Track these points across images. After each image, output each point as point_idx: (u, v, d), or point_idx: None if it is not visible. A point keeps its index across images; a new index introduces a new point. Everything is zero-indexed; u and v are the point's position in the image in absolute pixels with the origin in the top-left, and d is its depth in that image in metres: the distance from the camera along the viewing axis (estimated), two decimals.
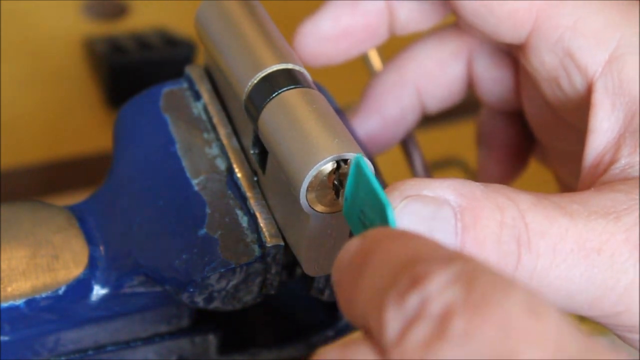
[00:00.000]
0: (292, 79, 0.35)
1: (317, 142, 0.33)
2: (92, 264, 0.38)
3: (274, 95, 0.35)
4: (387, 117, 0.44)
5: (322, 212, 0.34)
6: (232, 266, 0.35)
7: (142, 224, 0.37)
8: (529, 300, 0.25)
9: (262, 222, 0.36)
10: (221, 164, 0.38)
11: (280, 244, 0.36)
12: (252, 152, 0.37)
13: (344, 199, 0.32)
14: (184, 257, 0.36)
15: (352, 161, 0.30)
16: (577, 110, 0.38)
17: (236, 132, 0.39)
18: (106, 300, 0.38)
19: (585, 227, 0.32)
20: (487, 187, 0.32)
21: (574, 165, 0.41)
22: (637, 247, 0.32)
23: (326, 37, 0.42)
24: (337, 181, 0.33)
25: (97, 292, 0.38)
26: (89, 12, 0.68)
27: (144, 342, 0.39)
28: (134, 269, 0.37)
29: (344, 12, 0.42)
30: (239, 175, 0.37)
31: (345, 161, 0.33)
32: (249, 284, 0.36)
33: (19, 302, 0.36)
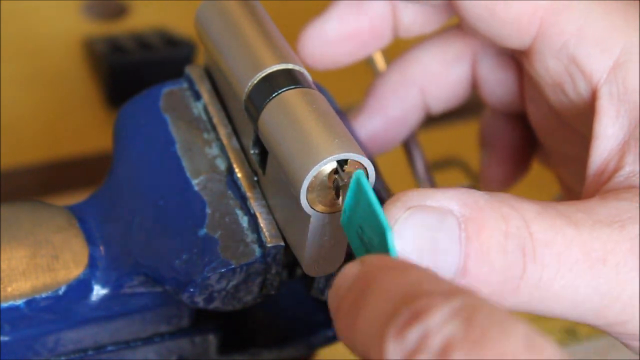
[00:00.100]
0: (292, 79, 0.35)
1: (318, 142, 0.33)
2: (92, 264, 0.38)
3: (274, 95, 0.35)
4: (391, 117, 0.44)
5: (322, 212, 0.34)
6: (232, 266, 0.35)
7: (142, 224, 0.37)
8: (528, 335, 0.25)
9: (263, 222, 0.36)
10: (221, 164, 0.38)
11: (280, 244, 0.36)
12: (252, 152, 0.37)
13: (342, 210, 0.32)
14: (184, 257, 0.36)
15: (353, 176, 0.30)
16: (581, 115, 0.38)
17: (236, 132, 0.39)
18: (106, 300, 0.38)
19: (590, 236, 0.32)
20: (492, 196, 0.31)
21: (577, 168, 0.41)
22: None
23: (331, 39, 0.42)
24: (337, 181, 0.33)
25: (97, 292, 0.38)
26: (89, 12, 0.68)
27: (144, 342, 0.39)
28: (134, 269, 0.37)
29: (349, 15, 0.41)
30: (239, 175, 0.37)
31: (345, 161, 0.33)
32: (249, 284, 0.36)
33: (19, 302, 0.36)
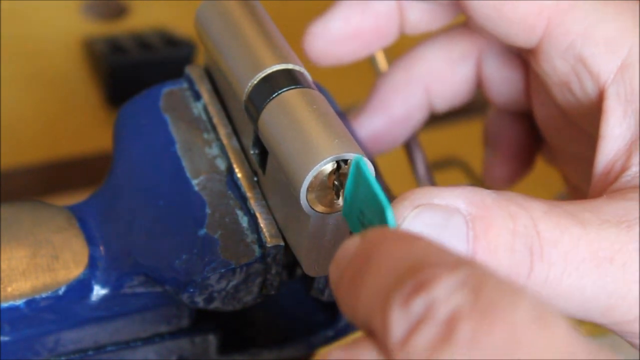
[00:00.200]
0: (292, 79, 0.35)
1: (317, 142, 0.33)
2: (92, 264, 0.38)
3: (274, 95, 0.35)
4: (394, 115, 0.44)
5: (322, 212, 0.33)
6: (232, 266, 0.35)
7: (142, 224, 0.37)
8: (536, 307, 0.25)
9: (262, 222, 0.36)
10: (221, 164, 0.38)
11: (280, 244, 0.36)
12: (252, 152, 0.37)
13: (343, 199, 0.32)
14: (184, 257, 0.36)
15: (352, 162, 0.30)
16: (588, 115, 0.38)
17: (236, 132, 0.39)
18: (106, 300, 0.38)
19: (597, 235, 0.32)
20: (499, 194, 0.31)
21: (583, 167, 0.40)
22: None
23: (336, 37, 0.42)
24: (337, 181, 0.33)
25: (97, 292, 0.38)
26: (89, 12, 0.68)
27: (144, 342, 0.39)
28: (134, 269, 0.37)
29: (355, 13, 0.41)
30: (239, 175, 0.37)
31: (345, 161, 0.33)
32: (249, 284, 0.36)
33: (19, 302, 0.36)
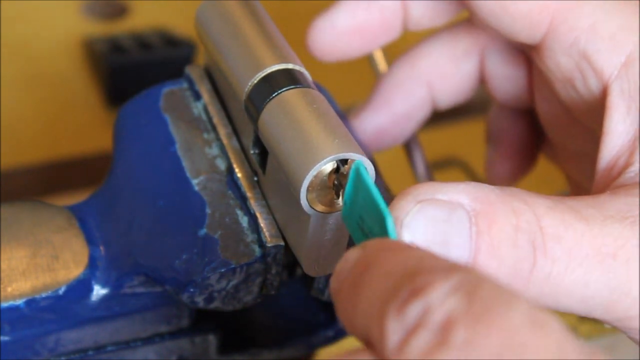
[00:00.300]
0: (292, 79, 0.35)
1: (317, 142, 0.33)
2: (92, 264, 0.38)
3: (274, 95, 0.35)
4: (397, 112, 0.44)
5: (322, 212, 0.33)
6: (232, 266, 0.35)
7: (142, 224, 0.37)
8: (531, 311, 0.25)
9: (263, 222, 0.36)
10: (221, 164, 0.38)
11: (280, 244, 0.36)
12: (252, 152, 0.37)
13: (343, 203, 0.32)
14: (184, 257, 0.36)
15: (352, 167, 0.30)
16: (592, 111, 0.38)
17: (236, 132, 0.39)
18: (106, 300, 0.38)
19: (601, 231, 0.32)
20: (503, 190, 0.31)
21: (586, 164, 0.40)
22: None
23: (341, 32, 0.41)
24: (337, 181, 0.33)
25: (97, 292, 0.38)
26: (89, 12, 0.68)
27: (144, 342, 0.39)
28: (134, 269, 0.37)
29: (360, 8, 0.41)
30: (239, 175, 0.37)
31: (345, 161, 0.33)
32: (249, 284, 0.36)
33: (19, 302, 0.36)
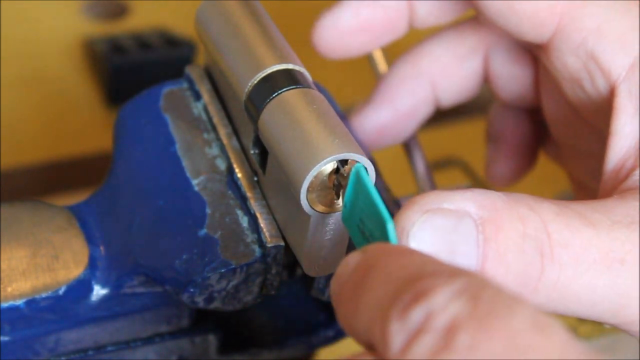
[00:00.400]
0: (292, 79, 0.35)
1: (318, 142, 0.33)
2: (92, 264, 0.38)
3: (274, 95, 0.35)
4: (400, 109, 0.44)
5: (322, 212, 0.33)
6: (233, 266, 0.35)
7: (142, 224, 0.37)
8: (534, 314, 0.25)
9: (263, 222, 0.36)
10: (221, 164, 0.38)
11: (280, 244, 0.36)
12: (252, 152, 0.37)
13: (343, 205, 0.32)
14: (184, 257, 0.36)
15: (352, 170, 0.30)
16: (599, 112, 0.38)
17: (236, 132, 0.39)
18: (106, 300, 0.38)
19: (608, 237, 0.32)
20: (509, 197, 0.31)
21: (591, 164, 0.40)
22: None
23: (346, 30, 0.41)
24: (337, 182, 0.33)
25: (97, 292, 0.38)
26: (89, 12, 0.68)
27: (144, 342, 0.39)
28: (134, 269, 0.37)
29: (365, 6, 0.41)
30: (239, 175, 0.37)
31: (345, 162, 0.33)
32: (249, 284, 0.36)
33: (19, 302, 0.36)
